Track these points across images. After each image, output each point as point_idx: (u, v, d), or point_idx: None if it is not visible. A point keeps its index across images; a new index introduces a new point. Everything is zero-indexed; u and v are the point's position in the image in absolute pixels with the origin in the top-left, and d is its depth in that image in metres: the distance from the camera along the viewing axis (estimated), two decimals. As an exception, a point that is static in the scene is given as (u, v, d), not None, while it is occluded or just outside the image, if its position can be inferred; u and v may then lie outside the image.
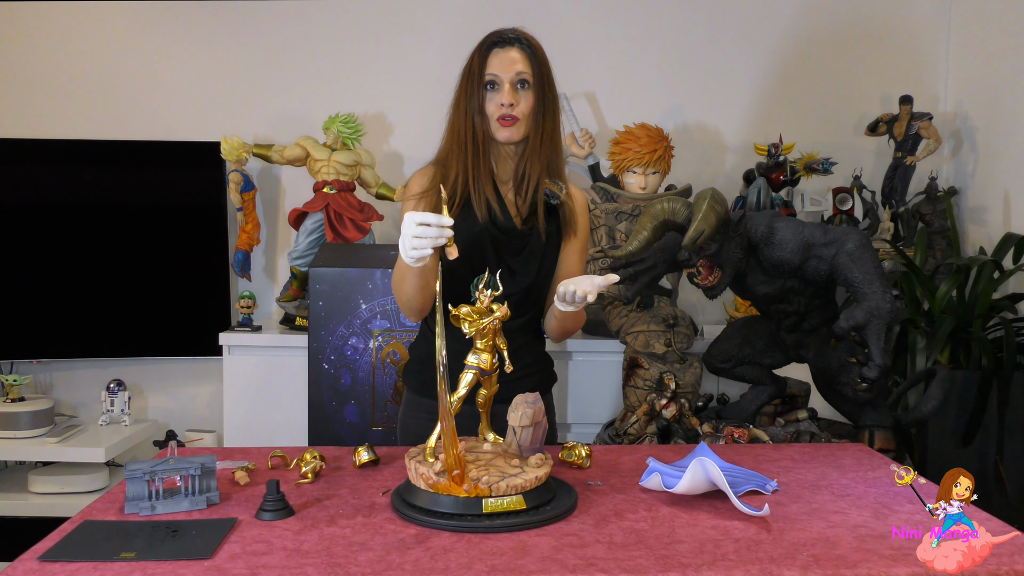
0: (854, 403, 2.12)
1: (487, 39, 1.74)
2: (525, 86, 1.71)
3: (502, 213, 1.77)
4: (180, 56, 3.23)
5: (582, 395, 2.89)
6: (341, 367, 2.56)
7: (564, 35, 3.23)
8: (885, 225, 3.03)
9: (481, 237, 1.75)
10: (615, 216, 2.79)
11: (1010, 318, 2.55)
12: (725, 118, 3.31)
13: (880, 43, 3.30)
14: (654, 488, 1.53)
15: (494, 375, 1.52)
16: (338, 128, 2.97)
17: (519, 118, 1.71)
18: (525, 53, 1.71)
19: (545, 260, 1.79)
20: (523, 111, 1.71)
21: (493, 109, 1.71)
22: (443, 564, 1.22)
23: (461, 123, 1.73)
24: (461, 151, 1.73)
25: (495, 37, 1.73)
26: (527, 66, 1.71)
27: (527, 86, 1.71)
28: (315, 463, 1.61)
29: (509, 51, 1.71)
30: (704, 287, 2.03)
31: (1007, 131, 2.96)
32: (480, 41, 1.75)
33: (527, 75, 1.70)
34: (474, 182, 1.74)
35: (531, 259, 1.77)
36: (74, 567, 1.20)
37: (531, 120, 1.72)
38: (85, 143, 3.05)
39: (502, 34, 1.73)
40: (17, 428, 2.87)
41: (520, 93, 1.71)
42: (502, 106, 1.70)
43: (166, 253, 3.07)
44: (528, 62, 1.71)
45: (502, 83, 1.70)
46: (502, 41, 1.72)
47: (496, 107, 1.71)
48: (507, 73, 1.70)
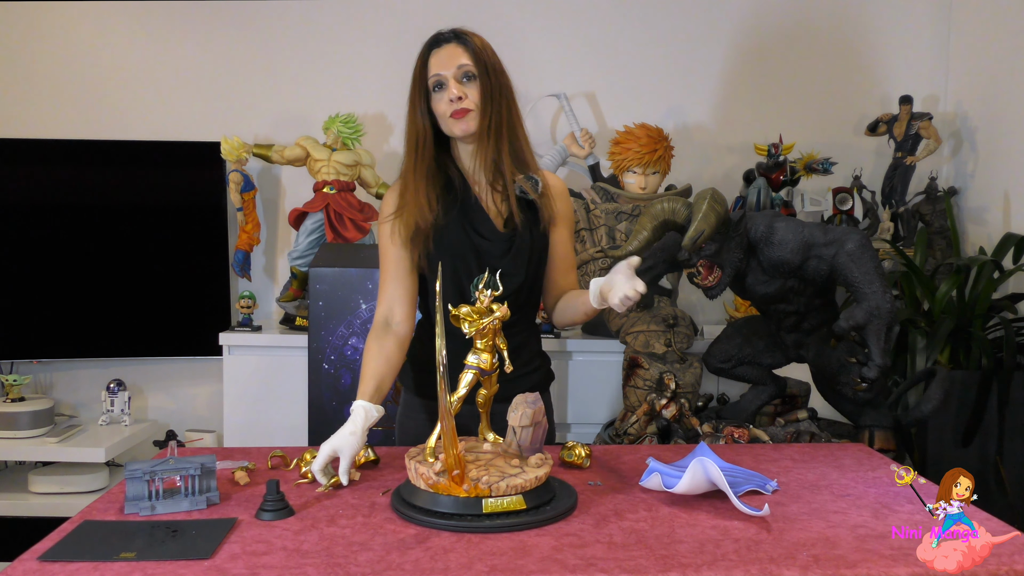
0: (854, 403, 2.12)
1: (426, 43, 1.75)
2: (470, 78, 1.71)
3: (480, 217, 1.76)
4: (180, 56, 3.23)
5: (582, 395, 2.89)
6: (341, 367, 2.56)
7: (564, 35, 3.24)
8: (885, 225, 3.03)
9: (460, 246, 1.74)
10: (615, 216, 2.79)
11: (1010, 318, 2.55)
12: (725, 118, 3.31)
13: (880, 43, 3.30)
14: (654, 488, 1.53)
15: (494, 375, 1.52)
16: (338, 128, 2.97)
17: (471, 109, 1.71)
18: (464, 47, 1.72)
19: (533, 255, 1.79)
20: (474, 102, 1.71)
21: (444, 108, 1.71)
22: (443, 564, 1.22)
23: (415, 129, 1.76)
24: (419, 158, 1.75)
25: (432, 39, 1.75)
26: (468, 58, 1.71)
27: (472, 77, 1.71)
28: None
29: (446, 48, 1.72)
30: (704, 287, 2.03)
31: (1007, 131, 2.96)
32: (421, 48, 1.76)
33: (469, 66, 1.71)
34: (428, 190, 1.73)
35: (519, 259, 1.76)
36: (74, 567, 1.20)
37: (483, 109, 1.72)
38: (85, 143, 3.05)
39: (438, 35, 1.75)
40: (17, 428, 2.87)
41: (466, 85, 1.71)
42: (450, 101, 1.70)
43: (166, 253, 3.07)
44: (468, 54, 1.72)
45: (446, 80, 1.71)
46: (439, 40, 1.74)
47: (447, 105, 1.71)
48: (448, 69, 1.71)
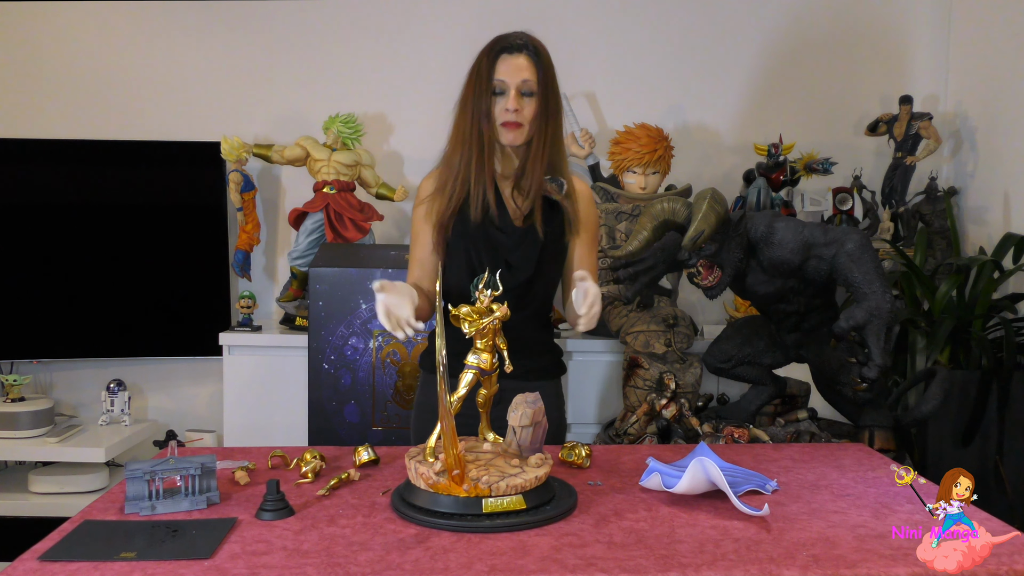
0: (854, 403, 2.12)
1: (496, 43, 1.78)
2: (530, 95, 1.76)
3: (501, 211, 1.81)
4: (180, 56, 3.22)
5: (582, 395, 2.89)
6: (341, 367, 2.56)
7: (564, 35, 3.23)
8: (885, 225, 3.03)
9: (476, 235, 1.80)
10: (615, 216, 2.79)
11: (1010, 318, 2.54)
12: (725, 118, 3.31)
13: (880, 43, 3.30)
14: (654, 488, 1.53)
15: (494, 375, 1.52)
16: (338, 128, 2.96)
17: (523, 123, 1.76)
18: (532, 60, 1.76)
19: (545, 254, 1.82)
20: (527, 116, 1.76)
21: (498, 113, 1.76)
22: (443, 564, 1.22)
23: (467, 125, 1.78)
24: (466, 152, 1.79)
25: (504, 43, 1.77)
26: (533, 74, 1.75)
27: (532, 95, 1.76)
28: (315, 463, 1.61)
29: (517, 58, 1.75)
30: (704, 287, 2.03)
31: (1007, 131, 2.96)
32: (488, 45, 1.78)
33: (532, 83, 1.75)
34: (475, 183, 1.78)
35: (529, 253, 1.81)
36: (74, 567, 1.20)
37: (534, 125, 1.78)
38: (85, 143, 3.05)
39: (511, 40, 1.77)
40: (17, 428, 2.87)
41: (525, 99, 1.76)
42: (507, 111, 1.75)
43: (166, 253, 3.07)
44: (534, 69, 1.76)
45: (508, 89, 1.75)
46: (511, 47, 1.76)
47: (501, 111, 1.76)
48: (513, 80, 1.74)
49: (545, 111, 1.78)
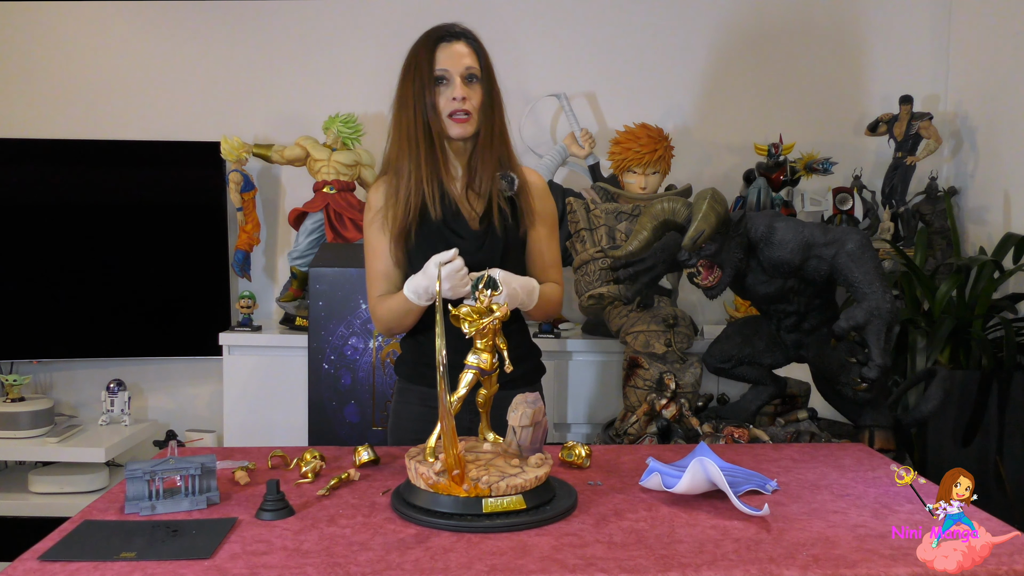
0: (854, 403, 2.12)
1: (431, 34, 1.72)
2: (474, 80, 1.71)
3: (456, 215, 1.75)
4: (180, 56, 3.23)
5: (582, 395, 2.89)
6: (341, 367, 2.56)
7: (564, 35, 3.24)
8: (885, 225, 3.03)
9: (436, 241, 1.73)
10: (615, 216, 2.79)
11: (1010, 318, 2.55)
12: (725, 118, 3.31)
13: (880, 43, 3.30)
14: (654, 488, 1.53)
15: (494, 375, 1.52)
16: (338, 128, 2.97)
17: (471, 112, 1.70)
18: (472, 47, 1.71)
19: (508, 253, 1.77)
20: (474, 105, 1.70)
21: (444, 105, 1.70)
22: (443, 564, 1.22)
23: (412, 123, 1.71)
24: (415, 152, 1.71)
25: (440, 32, 1.72)
26: (474, 60, 1.71)
27: (475, 80, 1.71)
28: (315, 463, 1.61)
29: (456, 45, 1.70)
30: (704, 287, 2.03)
31: (1007, 131, 2.96)
32: (422, 36, 1.73)
33: (475, 69, 1.70)
34: (428, 182, 1.72)
35: (492, 255, 1.75)
36: (74, 567, 1.20)
37: (480, 116, 1.72)
38: (85, 143, 3.05)
39: (447, 28, 1.72)
40: (17, 428, 2.87)
41: (470, 87, 1.70)
42: (454, 100, 1.68)
43: (166, 253, 3.07)
44: (475, 56, 1.71)
45: (452, 78, 1.69)
46: (448, 35, 1.71)
47: (447, 102, 1.69)
48: (456, 68, 1.69)
49: (490, 100, 1.72)
